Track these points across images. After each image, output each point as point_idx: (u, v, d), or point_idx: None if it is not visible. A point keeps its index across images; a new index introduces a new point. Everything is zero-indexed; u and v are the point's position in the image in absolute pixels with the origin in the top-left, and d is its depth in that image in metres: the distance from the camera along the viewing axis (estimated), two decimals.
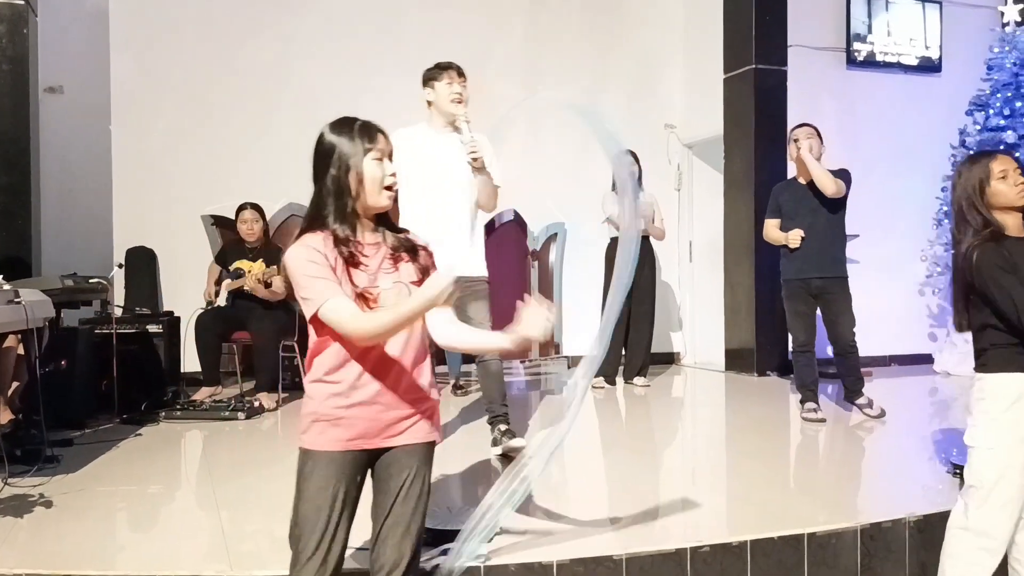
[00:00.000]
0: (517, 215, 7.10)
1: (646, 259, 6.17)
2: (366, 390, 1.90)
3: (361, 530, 2.01)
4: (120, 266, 5.81)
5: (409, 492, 1.94)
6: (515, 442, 3.75)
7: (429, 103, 3.91)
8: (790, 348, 5.16)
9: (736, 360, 7.05)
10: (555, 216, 7.34)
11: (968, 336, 2.60)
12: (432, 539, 2.45)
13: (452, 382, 6.06)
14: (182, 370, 5.66)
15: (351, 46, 6.95)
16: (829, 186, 4.66)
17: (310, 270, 1.82)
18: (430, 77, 3.89)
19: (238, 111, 6.72)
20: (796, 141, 4.87)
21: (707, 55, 7.35)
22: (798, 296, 4.84)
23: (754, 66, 6.82)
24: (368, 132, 1.92)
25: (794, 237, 4.75)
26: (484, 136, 3.87)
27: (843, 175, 4.75)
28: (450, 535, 2.47)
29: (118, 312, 5.55)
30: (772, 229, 4.98)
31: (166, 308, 6.24)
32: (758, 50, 6.82)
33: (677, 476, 3.83)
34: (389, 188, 1.92)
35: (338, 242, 1.86)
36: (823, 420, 4.69)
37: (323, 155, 1.90)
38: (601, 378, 6.11)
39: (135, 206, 6.58)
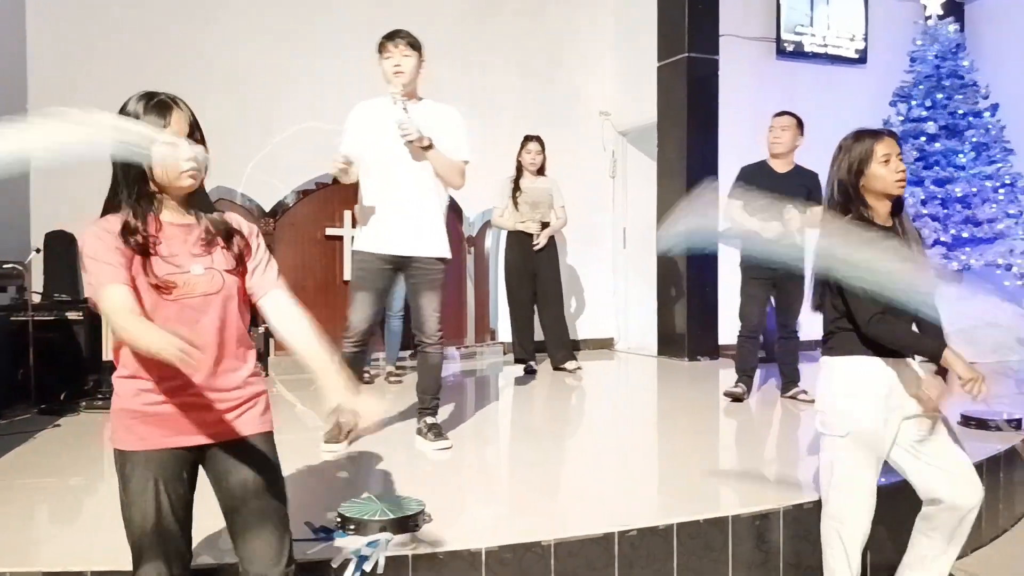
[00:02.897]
0: (452, 200, 7.04)
1: (545, 247, 6.12)
2: (177, 383, 1.76)
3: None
4: (38, 251, 5.57)
5: (257, 487, 1.82)
6: (440, 444, 3.69)
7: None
8: (733, 332, 5.17)
9: (668, 345, 7.15)
10: (491, 202, 7.30)
11: None
12: (356, 528, 2.43)
13: (388, 370, 5.99)
14: (104, 358, 5.48)
15: (278, 25, 6.79)
16: None
17: (98, 252, 1.70)
18: (377, 49, 3.68)
19: (161, 90, 6.50)
20: (771, 129, 4.88)
21: (641, 42, 7.41)
22: (759, 283, 4.85)
23: (687, 55, 6.89)
24: (157, 111, 1.79)
25: (772, 230, 4.64)
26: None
27: (812, 180, 4.72)
28: (372, 525, 2.45)
29: (36, 298, 5.34)
30: (738, 210, 4.81)
31: (87, 294, 6.03)
32: (691, 39, 6.90)
33: (607, 461, 3.86)
34: (188, 172, 1.78)
35: (127, 232, 1.73)
36: (740, 400, 4.82)
37: None
38: (531, 363, 6.14)
39: (54, 189, 6.32)
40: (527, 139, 6.19)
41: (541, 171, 6.16)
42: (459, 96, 7.38)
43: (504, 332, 7.31)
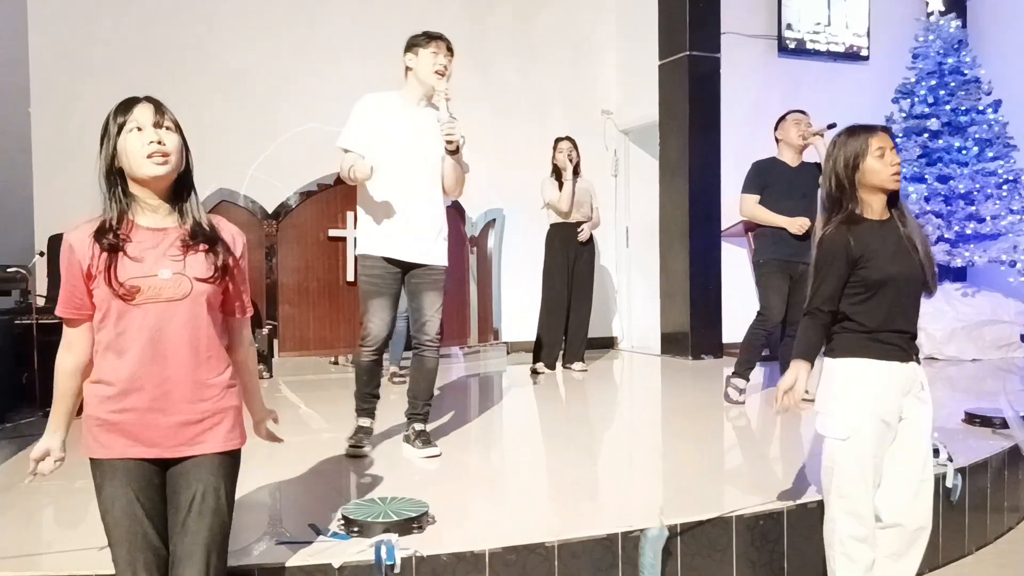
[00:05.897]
0: (455, 201, 7.05)
1: (585, 246, 6.20)
2: (140, 394, 1.76)
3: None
4: (41, 254, 5.58)
5: (202, 508, 1.77)
6: (428, 451, 3.59)
7: (408, 69, 3.64)
8: (736, 330, 5.13)
9: (671, 344, 7.15)
10: (494, 202, 7.31)
11: None
12: (360, 531, 2.43)
13: (392, 369, 5.97)
14: None
15: (276, 25, 6.79)
16: None
17: (64, 273, 1.78)
18: (415, 43, 3.61)
19: (161, 92, 6.44)
20: (798, 124, 4.87)
21: (642, 41, 7.40)
22: (780, 276, 4.77)
23: (688, 53, 6.89)
24: (123, 106, 1.83)
25: (801, 225, 4.65)
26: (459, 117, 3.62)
27: (819, 171, 4.78)
28: (376, 527, 2.45)
29: (40, 302, 5.35)
30: (756, 206, 4.85)
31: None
32: (692, 37, 6.89)
33: (612, 461, 3.86)
34: (152, 156, 1.76)
35: (100, 232, 1.75)
36: (742, 403, 4.79)
37: (100, 140, 1.81)
38: (541, 363, 6.13)
39: (57, 191, 6.33)
40: (559, 140, 6.16)
41: (576, 170, 6.09)
42: (458, 96, 7.42)
43: (508, 333, 7.32)
